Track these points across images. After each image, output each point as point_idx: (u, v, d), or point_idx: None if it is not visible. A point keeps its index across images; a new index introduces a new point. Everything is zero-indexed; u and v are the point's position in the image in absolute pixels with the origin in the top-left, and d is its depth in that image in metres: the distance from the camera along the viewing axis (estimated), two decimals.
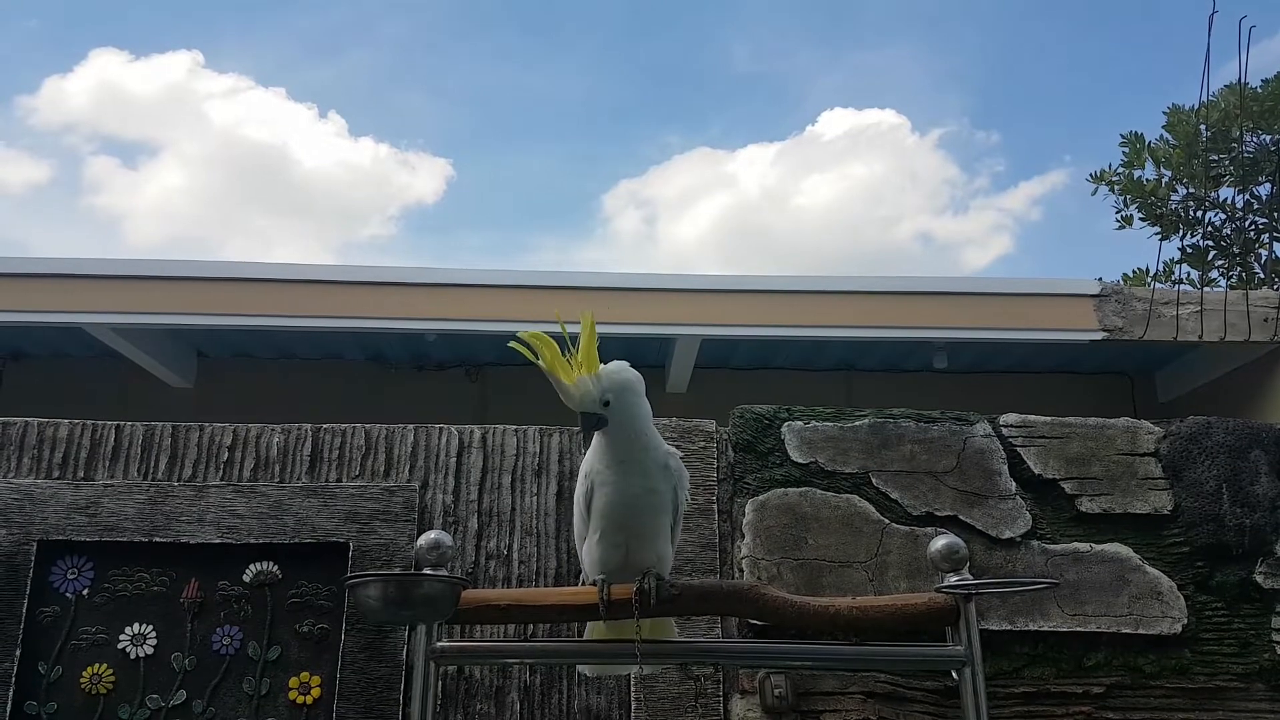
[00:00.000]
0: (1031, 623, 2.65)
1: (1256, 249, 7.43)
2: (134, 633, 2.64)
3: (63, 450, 2.80)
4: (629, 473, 1.92)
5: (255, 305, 4.79)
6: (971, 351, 5.43)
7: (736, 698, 2.61)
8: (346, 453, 2.83)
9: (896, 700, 2.59)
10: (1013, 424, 2.89)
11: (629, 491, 1.92)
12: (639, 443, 1.94)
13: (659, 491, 1.96)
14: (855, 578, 2.68)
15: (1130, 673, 2.66)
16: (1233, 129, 6.79)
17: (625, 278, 5.10)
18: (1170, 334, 4.85)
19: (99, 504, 2.70)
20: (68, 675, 2.60)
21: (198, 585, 2.68)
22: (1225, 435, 2.86)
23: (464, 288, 4.90)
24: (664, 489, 1.97)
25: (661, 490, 1.96)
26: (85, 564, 2.70)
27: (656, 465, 1.96)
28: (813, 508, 2.75)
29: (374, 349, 5.51)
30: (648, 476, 1.94)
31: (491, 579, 2.74)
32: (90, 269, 4.81)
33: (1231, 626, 2.72)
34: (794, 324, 5.02)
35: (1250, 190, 7.26)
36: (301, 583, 2.69)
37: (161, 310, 4.73)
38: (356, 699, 2.56)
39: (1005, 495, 2.79)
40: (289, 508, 2.72)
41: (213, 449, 2.82)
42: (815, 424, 2.85)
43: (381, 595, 1.79)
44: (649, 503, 1.94)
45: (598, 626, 2.07)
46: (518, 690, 2.65)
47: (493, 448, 2.87)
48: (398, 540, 2.69)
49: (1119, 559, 2.74)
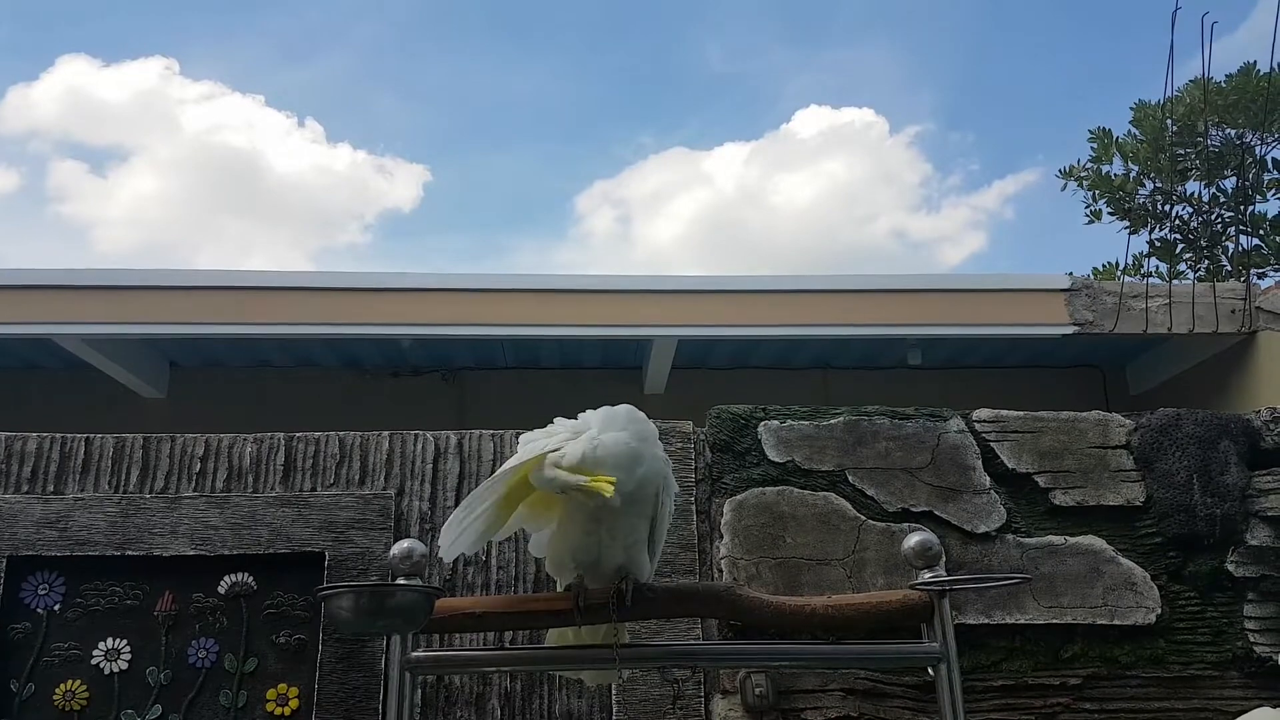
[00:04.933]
0: (1008, 616, 2.67)
1: (1223, 242, 7.54)
2: (108, 648, 2.61)
3: (31, 464, 2.76)
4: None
5: (227, 313, 4.75)
6: (945, 347, 5.47)
7: (718, 698, 2.62)
8: (321, 461, 2.81)
9: (876, 696, 2.60)
10: (986, 419, 2.91)
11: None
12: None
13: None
14: (833, 575, 2.69)
15: (1106, 663, 2.69)
16: (1198, 123, 6.88)
17: (602, 279, 5.11)
18: (1140, 327, 4.92)
19: (69, 518, 2.67)
20: (40, 693, 2.56)
21: (172, 598, 2.65)
22: (1195, 426, 2.90)
23: (438, 292, 4.89)
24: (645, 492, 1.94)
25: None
26: (56, 579, 2.66)
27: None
28: (790, 506, 2.75)
29: (349, 355, 5.48)
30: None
31: (470, 586, 2.73)
32: (59, 279, 4.75)
33: (1205, 615, 2.75)
34: (771, 323, 5.05)
35: (1216, 184, 7.36)
36: (277, 593, 2.66)
37: (132, 320, 4.69)
38: (335, 709, 2.55)
39: (980, 490, 2.81)
40: (263, 518, 2.69)
41: (185, 460, 2.79)
42: (791, 423, 2.86)
43: (354, 606, 1.77)
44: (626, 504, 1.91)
45: (564, 633, 2.05)
46: (498, 696, 2.64)
47: (470, 453, 2.86)
48: (374, 549, 2.67)
49: (1093, 551, 2.76)
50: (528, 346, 5.39)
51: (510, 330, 4.95)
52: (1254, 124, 6.89)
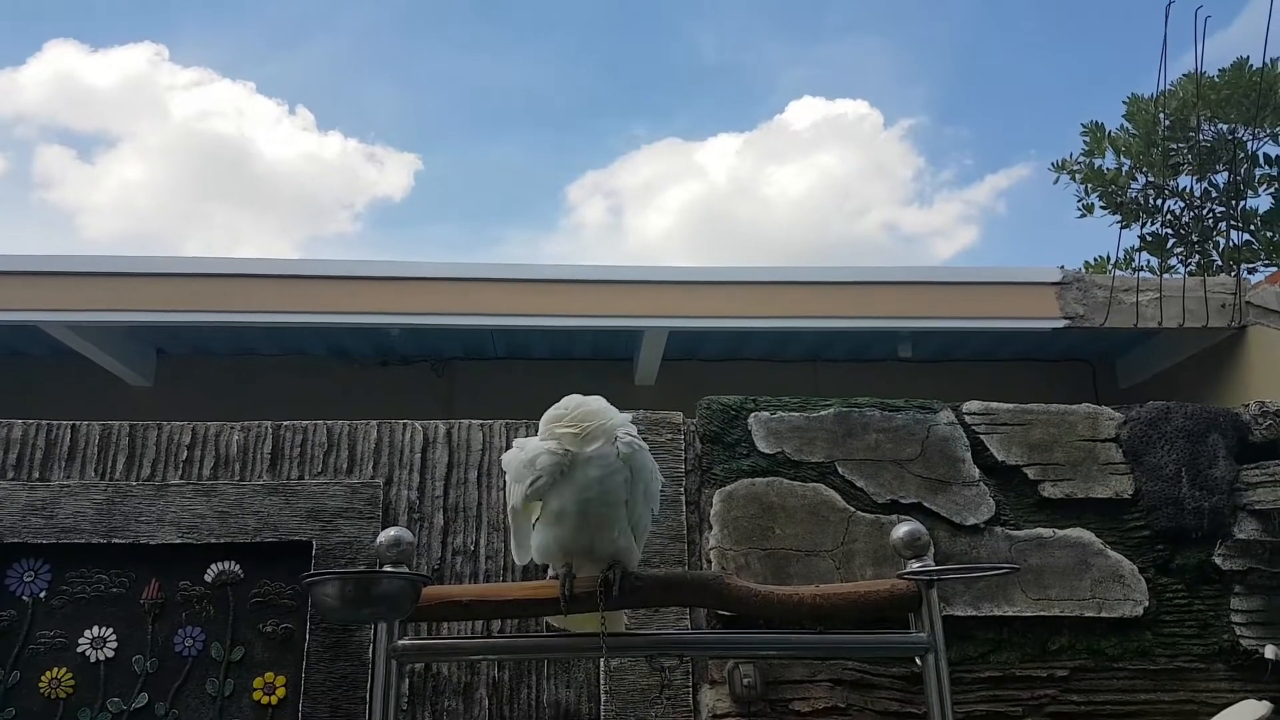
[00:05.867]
0: (996, 608, 2.68)
1: (1214, 236, 7.55)
2: (94, 635, 2.59)
3: (17, 451, 2.74)
4: (584, 465, 1.90)
5: (215, 301, 4.72)
6: (936, 340, 5.47)
7: (706, 688, 2.62)
8: (308, 450, 2.80)
9: (864, 687, 2.60)
10: (975, 411, 2.91)
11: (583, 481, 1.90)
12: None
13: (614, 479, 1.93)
14: (822, 566, 2.69)
15: (1093, 655, 2.69)
16: (1190, 118, 6.89)
17: (592, 270, 5.09)
18: (1130, 321, 4.92)
19: (55, 505, 2.65)
20: (26, 680, 2.55)
21: (158, 586, 2.64)
22: (1184, 420, 2.90)
23: (428, 281, 4.87)
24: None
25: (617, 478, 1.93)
26: (42, 566, 2.64)
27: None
28: (779, 497, 2.75)
29: (337, 344, 5.45)
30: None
31: (459, 575, 2.72)
32: (45, 265, 4.71)
33: (1192, 608, 2.76)
34: (762, 315, 5.03)
35: (1208, 178, 7.38)
36: (264, 582, 2.65)
37: (119, 307, 4.65)
38: (322, 699, 2.54)
39: (969, 482, 2.81)
40: (250, 506, 2.68)
41: (171, 448, 2.77)
42: (781, 414, 2.85)
43: (339, 594, 1.76)
44: (603, 490, 1.91)
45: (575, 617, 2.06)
46: (486, 686, 2.63)
47: (458, 443, 2.85)
48: (361, 538, 2.66)
49: (1081, 543, 2.77)
50: (518, 337, 5.37)
51: (500, 320, 4.93)
52: (1246, 119, 6.90)
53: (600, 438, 1.91)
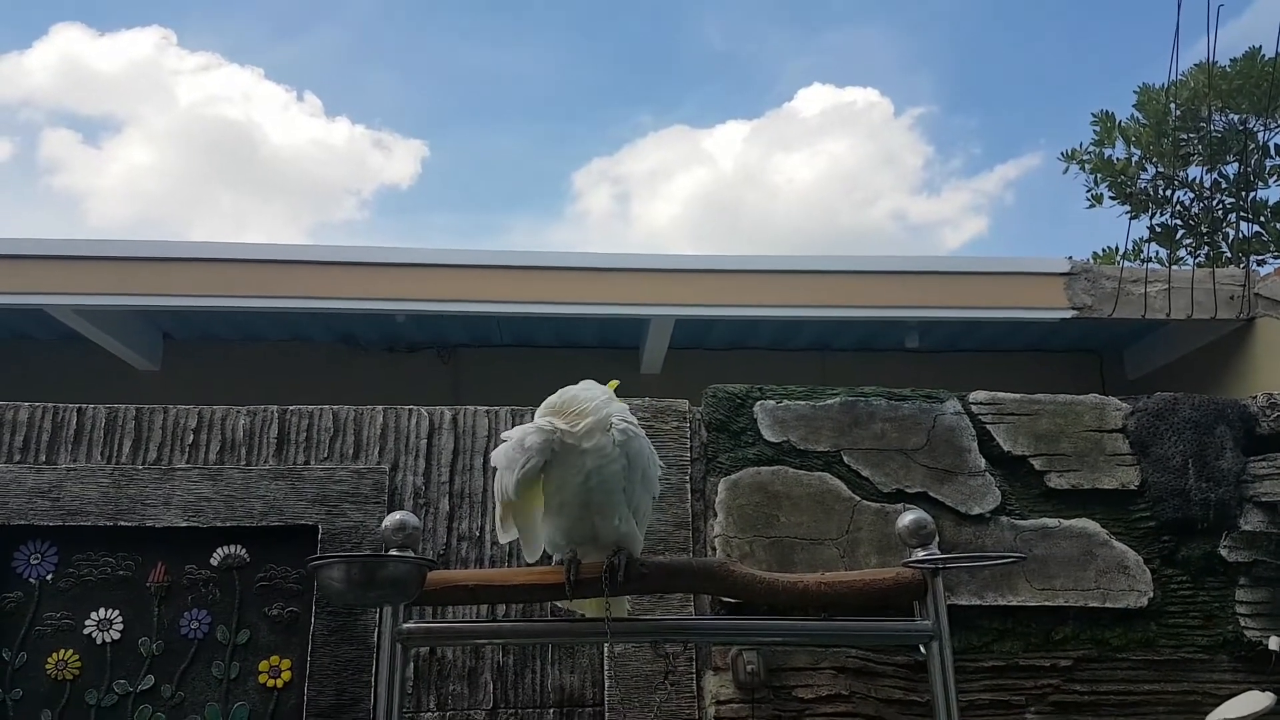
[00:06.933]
0: (1000, 597, 2.68)
1: (1224, 228, 7.51)
2: (100, 618, 2.60)
3: (23, 434, 2.75)
4: (581, 454, 1.89)
5: (222, 286, 4.73)
6: (943, 330, 5.46)
7: (710, 675, 2.62)
8: (314, 435, 2.80)
9: (868, 675, 2.61)
10: (982, 401, 2.90)
11: (580, 470, 1.90)
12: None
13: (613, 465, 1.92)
14: (827, 555, 2.69)
15: (1097, 646, 2.69)
16: (1201, 108, 6.84)
17: (599, 258, 5.08)
18: (1138, 312, 4.90)
19: (61, 488, 2.66)
20: (33, 661, 2.56)
21: (164, 569, 2.65)
22: (1191, 411, 2.89)
23: (434, 268, 4.87)
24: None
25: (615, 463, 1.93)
26: (49, 549, 2.65)
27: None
28: (785, 486, 2.75)
29: (343, 330, 5.46)
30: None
31: (464, 560, 2.73)
32: (52, 249, 4.72)
33: (1197, 599, 2.76)
34: (768, 304, 5.02)
35: (1218, 169, 7.33)
36: (270, 566, 2.66)
37: (126, 291, 4.66)
38: (327, 682, 2.55)
39: (975, 472, 2.80)
40: (256, 490, 2.68)
41: (177, 431, 2.78)
42: (787, 403, 2.85)
43: (345, 577, 1.77)
44: (601, 479, 1.91)
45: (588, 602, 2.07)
46: (491, 670, 2.64)
47: (464, 429, 2.85)
48: (367, 523, 2.67)
49: (1087, 534, 2.76)
50: (524, 325, 5.37)
51: (506, 308, 4.93)
52: (1257, 109, 6.85)
53: (595, 426, 1.90)
